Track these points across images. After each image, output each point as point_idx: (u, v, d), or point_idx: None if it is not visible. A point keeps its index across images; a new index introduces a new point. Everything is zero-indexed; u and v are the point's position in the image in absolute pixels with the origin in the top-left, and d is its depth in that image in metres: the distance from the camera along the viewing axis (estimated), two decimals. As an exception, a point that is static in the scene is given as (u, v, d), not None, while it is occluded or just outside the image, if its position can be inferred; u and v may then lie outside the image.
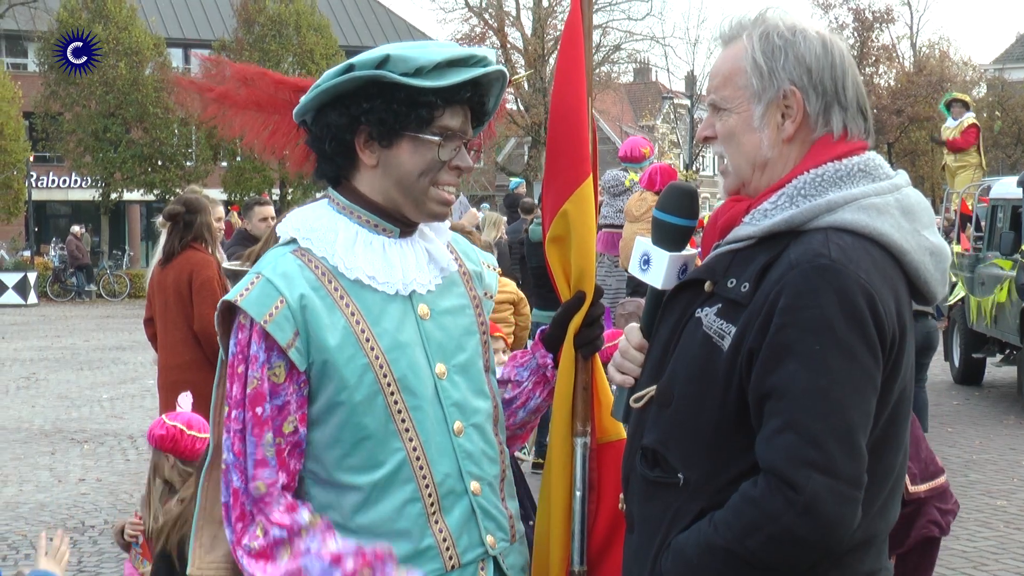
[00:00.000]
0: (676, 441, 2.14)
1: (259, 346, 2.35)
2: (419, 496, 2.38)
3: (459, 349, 2.50)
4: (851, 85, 2.18)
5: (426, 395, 2.41)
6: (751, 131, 2.19)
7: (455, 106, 2.42)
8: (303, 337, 2.34)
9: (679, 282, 2.28)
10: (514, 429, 2.72)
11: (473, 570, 2.44)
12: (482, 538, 2.46)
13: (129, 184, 35.86)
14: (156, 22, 40.97)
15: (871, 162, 2.18)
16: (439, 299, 2.50)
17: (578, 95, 2.70)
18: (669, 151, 44.61)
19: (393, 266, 2.44)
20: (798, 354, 1.98)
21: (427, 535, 2.39)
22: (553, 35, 41.47)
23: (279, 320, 2.33)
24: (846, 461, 1.96)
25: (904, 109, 42.12)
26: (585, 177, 2.67)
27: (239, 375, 2.37)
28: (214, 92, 2.72)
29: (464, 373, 2.49)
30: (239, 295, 2.37)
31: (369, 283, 2.41)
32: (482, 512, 2.46)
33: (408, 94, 2.36)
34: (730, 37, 2.24)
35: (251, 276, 2.41)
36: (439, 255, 2.54)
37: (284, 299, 2.34)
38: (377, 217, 2.47)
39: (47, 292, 30.54)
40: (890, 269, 2.09)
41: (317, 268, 2.40)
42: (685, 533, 2.09)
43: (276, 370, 2.35)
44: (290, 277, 2.37)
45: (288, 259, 2.41)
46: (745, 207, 2.20)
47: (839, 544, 1.99)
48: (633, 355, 2.38)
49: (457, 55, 2.40)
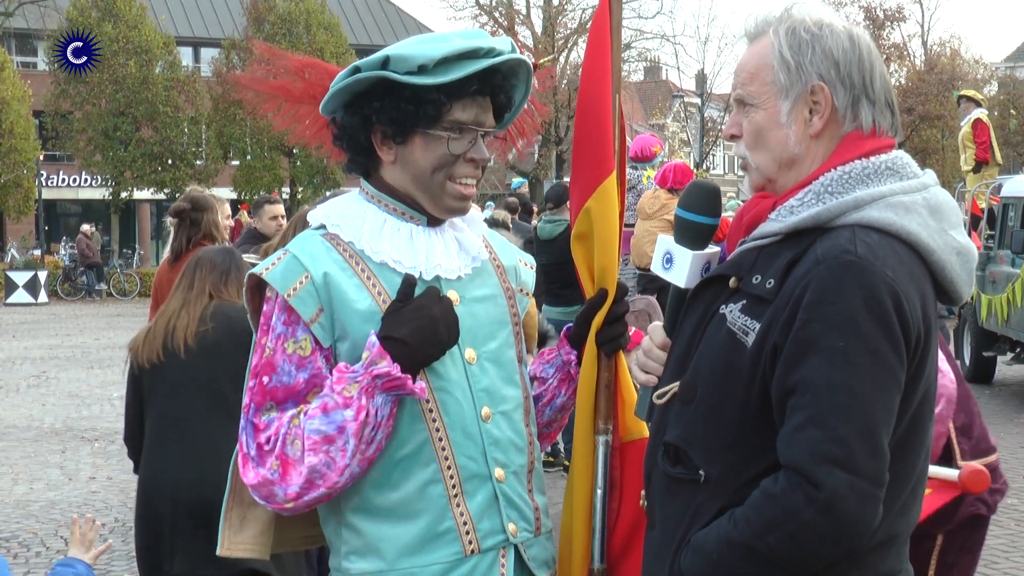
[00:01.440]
0: (698, 437, 2.13)
1: (279, 318, 2.38)
2: (440, 478, 2.38)
3: (490, 337, 2.50)
4: (879, 79, 2.16)
5: (453, 379, 2.41)
6: (778, 127, 2.17)
7: (465, 99, 2.41)
8: (327, 314, 2.37)
9: (703, 278, 2.26)
10: (541, 428, 2.71)
11: (493, 556, 2.43)
12: (504, 525, 2.44)
13: (139, 183, 35.97)
14: (166, 20, 41.07)
15: (899, 160, 2.16)
16: (470, 287, 2.50)
17: (603, 92, 2.70)
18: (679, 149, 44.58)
19: (419, 251, 2.46)
20: (822, 350, 1.96)
21: (447, 517, 2.38)
22: (563, 33, 41.51)
23: (302, 295, 2.36)
24: (868, 459, 1.94)
25: (915, 107, 42.02)
26: (608, 174, 2.66)
27: (262, 346, 2.41)
28: (270, 86, 2.74)
29: (495, 361, 2.49)
30: (265, 269, 2.41)
31: (395, 266, 2.42)
32: (505, 500, 2.45)
33: (413, 92, 2.37)
34: (756, 34, 2.22)
35: (279, 253, 2.44)
36: (469, 244, 2.54)
37: (309, 275, 2.37)
38: (404, 206, 2.49)
39: (57, 291, 30.61)
40: (916, 268, 2.07)
41: (345, 251, 2.43)
42: (705, 529, 2.07)
43: (302, 343, 2.37)
44: (316, 256, 2.40)
45: (316, 240, 2.45)
46: (771, 204, 2.18)
47: (859, 542, 1.97)
48: (657, 354, 2.37)
49: (463, 48, 2.38)
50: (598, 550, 2.62)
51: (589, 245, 2.72)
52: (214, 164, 36.57)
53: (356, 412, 2.28)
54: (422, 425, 2.38)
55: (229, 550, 2.60)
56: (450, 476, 2.39)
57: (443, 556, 2.37)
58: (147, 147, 35.41)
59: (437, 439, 2.38)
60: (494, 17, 41.65)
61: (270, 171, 36.07)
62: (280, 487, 2.31)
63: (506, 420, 2.48)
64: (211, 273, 4.40)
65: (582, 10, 41.97)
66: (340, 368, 2.32)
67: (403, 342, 2.30)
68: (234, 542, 2.57)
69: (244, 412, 2.40)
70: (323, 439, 2.28)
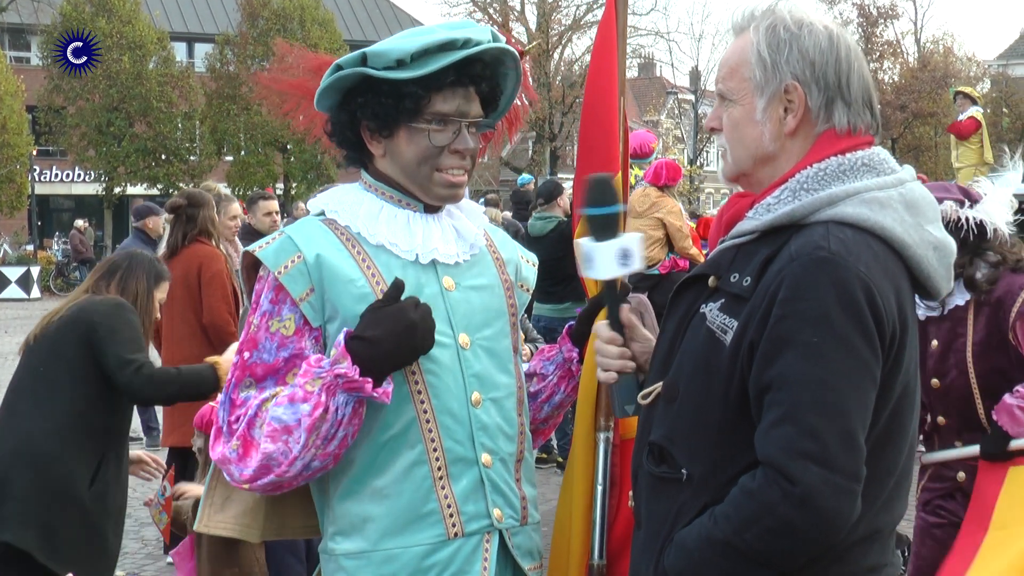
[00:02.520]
0: (681, 436, 2.14)
1: (267, 296, 2.41)
2: (426, 459, 2.40)
3: (485, 324, 2.52)
4: (856, 80, 2.17)
5: (444, 362, 2.43)
6: (753, 124, 2.19)
7: (445, 91, 2.44)
8: (318, 294, 2.39)
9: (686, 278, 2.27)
10: (537, 424, 2.72)
11: (477, 540, 2.43)
12: (488, 510, 2.45)
13: (132, 178, 35.93)
14: (160, 16, 40.97)
15: (876, 156, 2.17)
16: (467, 274, 2.53)
17: (610, 93, 2.75)
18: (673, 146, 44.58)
19: (415, 235, 2.48)
20: (796, 346, 1.98)
21: (431, 499, 2.40)
22: (558, 29, 41.48)
23: (293, 273, 2.39)
24: (843, 453, 1.96)
25: (908, 105, 42.04)
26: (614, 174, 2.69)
27: (248, 323, 2.45)
28: (289, 85, 2.77)
29: (489, 349, 2.51)
30: (259, 246, 2.44)
31: (391, 248, 2.45)
32: (491, 485, 2.46)
33: (392, 87, 2.40)
34: (740, 28, 2.24)
35: (275, 233, 2.49)
36: (467, 232, 2.57)
37: (301, 255, 2.40)
38: (400, 193, 2.52)
39: (50, 286, 30.51)
40: (892, 263, 2.08)
41: (342, 234, 2.47)
42: (687, 528, 2.09)
43: (286, 322, 2.40)
44: (311, 237, 2.44)
45: (313, 223, 2.49)
46: (749, 203, 2.21)
47: (836, 536, 1.98)
48: (609, 350, 2.41)
49: (439, 40, 2.41)
50: (598, 546, 2.65)
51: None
52: (208, 160, 36.54)
53: (312, 408, 2.29)
54: (410, 406, 2.40)
55: (207, 527, 2.63)
56: (436, 458, 2.40)
57: (426, 538, 2.39)
58: (140, 142, 35.36)
59: (424, 421, 2.40)
60: (488, 13, 41.60)
61: (264, 167, 36.03)
62: (236, 467, 2.35)
63: (496, 407, 2.49)
64: (102, 269, 4.52)
65: (576, 6, 41.97)
66: (309, 361, 2.34)
67: (372, 343, 2.30)
68: (214, 520, 2.61)
69: (225, 387, 2.43)
70: (282, 428, 2.30)
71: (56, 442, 4.15)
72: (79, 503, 4.19)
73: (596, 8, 41.42)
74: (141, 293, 4.44)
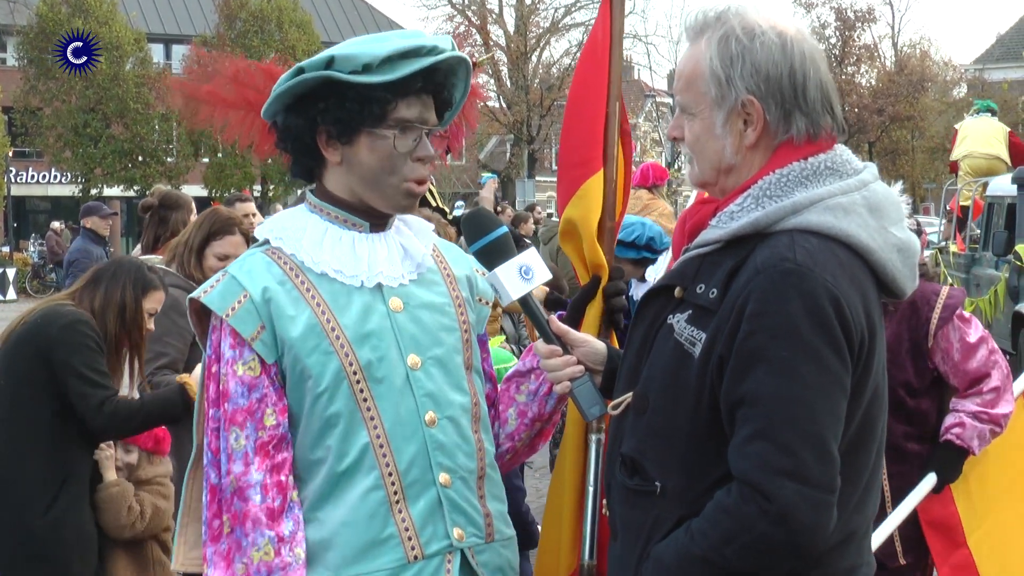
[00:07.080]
0: (653, 449, 2.13)
1: (227, 342, 2.39)
2: (381, 484, 2.38)
3: (435, 343, 2.49)
4: (813, 87, 2.13)
5: (395, 384, 2.41)
6: (715, 138, 2.17)
7: (410, 97, 2.42)
8: (269, 330, 2.37)
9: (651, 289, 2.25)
10: (544, 418, 2.69)
11: (439, 562, 2.41)
12: (448, 530, 2.43)
13: (109, 180, 35.76)
14: (137, 17, 40.77)
15: (838, 158, 2.15)
16: (415, 293, 2.50)
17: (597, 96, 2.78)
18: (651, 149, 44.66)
19: (360, 259, 2.46)
20: (766, 361, 1.97)
21: (389, 524, 2.38)
22: (536, 32, 41.51)
23: (241, 314, 2.36)
24: (818, 467, 1.95)
25: (885, 108, 42.24)
26: (594, 173, 2.75)
27: (213, 374, 2.41)
28: (203, 92, 2.73)
29: (441, 366, 2.48)
30: (204, 291, 2.41)
31: (335, 276, 2.43)
32: (450, 504, 2.44)
33: (359, 91, 2.37)
34: (694, 35, 2.20)
35: (219, 274, 2.45)
36: (415, 251, 2.54)
37: (248, 294, 2.38)
38: (346, 213, 2.49)
39: (26, 288, 30.37)
40: (857, 269, 2.08)
41: (286, 264, 2.43)
42: (664, 542, 2.08)
43: (251, 364, 2.38)
44: (254, 273, 2.41)
45: (256, 257, 2.45)
46: (712, 209, 2.19)
47: (816, 549, 1.98)
48: (552, 363, 2.43)
49: (406, 47, 2.40)
50: (588, 546, 2.66)
51: (577, 240, 2.80)
52: (185, 161, 36.41)
53: None
54: (363, 432, 2.38)
55: (183, 565, 2.60)
56: (391, 483, 2.38)
57: (385, 563, 2.37)
58: (117, 144, 35.20)
59: (378, 445, 2.38)
60: (467, 16, 41.60)
61: (241, 169, 35.90)
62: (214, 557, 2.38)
63: (452, 425, 2.47)
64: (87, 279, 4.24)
65: (555, 9, 42.04)
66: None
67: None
68: (189, 557, 2.57)
69: (207, 443, 2.41)
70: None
71: (14, 465, 3.94)
72: (29, 533, 3.92)
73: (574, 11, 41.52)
74: (128, 304, 4.14)
